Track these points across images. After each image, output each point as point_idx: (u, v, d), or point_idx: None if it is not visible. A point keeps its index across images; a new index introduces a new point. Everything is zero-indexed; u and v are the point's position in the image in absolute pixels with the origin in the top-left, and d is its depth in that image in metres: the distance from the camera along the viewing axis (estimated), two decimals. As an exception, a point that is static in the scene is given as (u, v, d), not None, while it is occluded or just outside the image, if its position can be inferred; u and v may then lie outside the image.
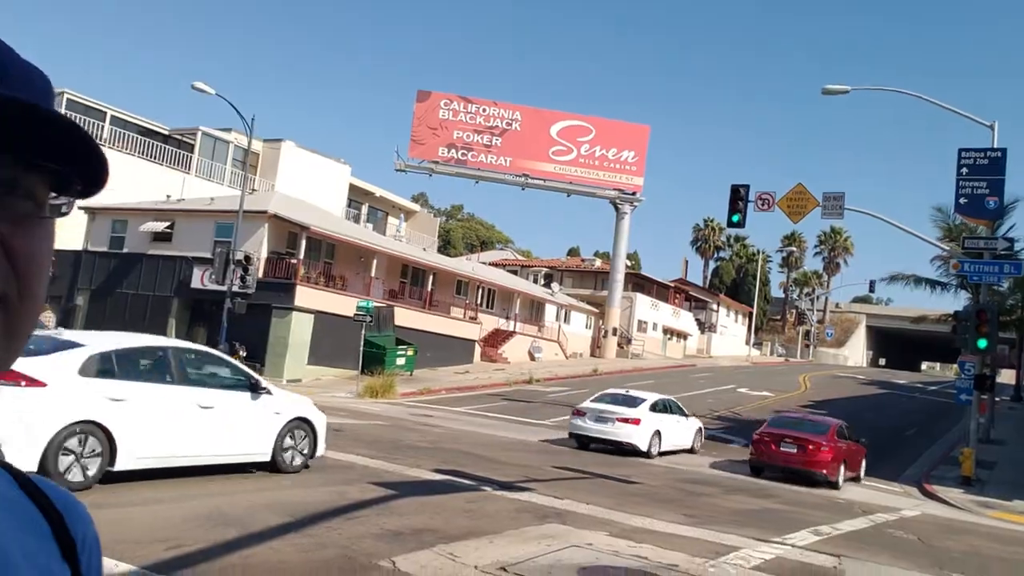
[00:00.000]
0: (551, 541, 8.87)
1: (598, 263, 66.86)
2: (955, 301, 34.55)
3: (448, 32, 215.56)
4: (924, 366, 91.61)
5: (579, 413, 20.51)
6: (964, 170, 20.65)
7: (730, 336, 76.04)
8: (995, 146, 21.08)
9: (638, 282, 62.04)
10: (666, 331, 63.17)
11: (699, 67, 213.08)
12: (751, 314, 75.44)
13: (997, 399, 30.93)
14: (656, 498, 13.38)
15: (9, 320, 0.72)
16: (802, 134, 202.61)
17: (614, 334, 53.10)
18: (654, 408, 20.75)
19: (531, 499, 11.61)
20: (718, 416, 31.09)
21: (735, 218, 22.27)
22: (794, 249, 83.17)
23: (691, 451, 22.11)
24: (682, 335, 66.34)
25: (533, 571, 7.54)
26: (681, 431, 21.87)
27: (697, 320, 70.69)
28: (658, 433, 20.42)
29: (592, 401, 21.19)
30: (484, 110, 50.21)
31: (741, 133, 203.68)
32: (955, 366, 34.79)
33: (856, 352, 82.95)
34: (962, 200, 20.82)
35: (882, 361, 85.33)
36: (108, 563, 6.14)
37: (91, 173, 0.73)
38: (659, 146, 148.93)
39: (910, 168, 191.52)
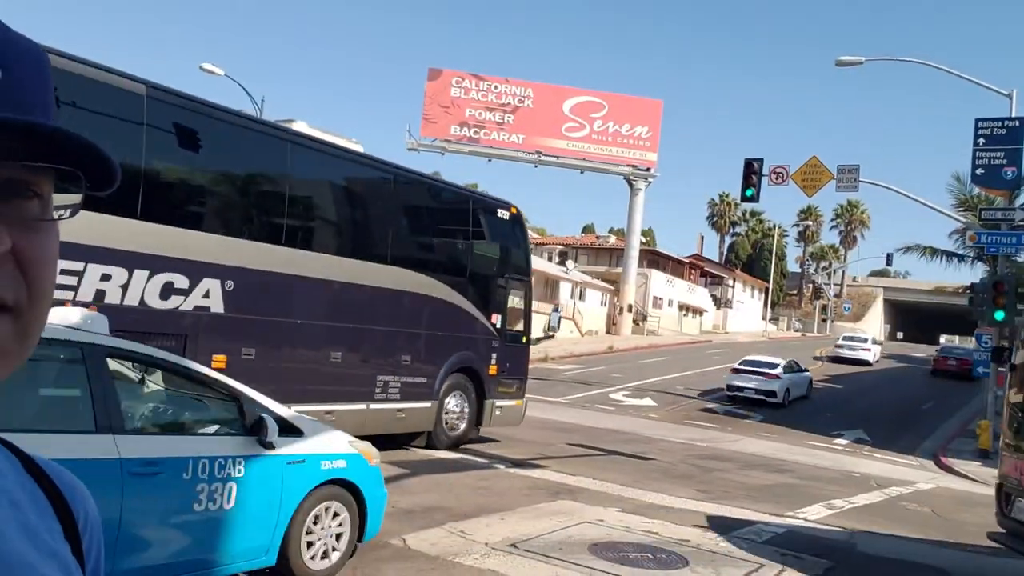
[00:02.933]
0: (563, 518, 8.90)
1: (612, 240, 66.67)
2: (972, 273, 34.29)
3: (459, 9, 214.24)
4: (943, 339, 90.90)
5: (734, 371, 28.58)
6: (981, 140, 20.37)
7: (746, 311, 75.76)
8: (1013, 115, 20.77)
9: (653, 258, 61.82)
10: (682, 307, 62.99)
11: (713, 41, 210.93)
12: (767, 289, 75.10)
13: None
14: (671, 474, 13.40)
15: (21, 326, 0.70)
16: (817, 107, 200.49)
17: (629, 311, 53.00)
18: (786, 369, 28.83)
19: (543, 476, 11.64)
20: (731, 393, 31.02)
21: (749, 192, 22.10)
22: (810, 223, 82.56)
23: (806, 397, 30.08)
24: (698, 311, 66.15)
25: (544, 547, 7.57)
26: (801, 384, 30.05)
27: (713, 296, 70.45)
28: (788, 387, 28.26)
29: (740, 364, 29.14)
30: (496, 87, 49.93)
31: (755, 107, 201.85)
32: (973, 339, 34.52)
33: (874, 326, 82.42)
34: (979, 171, 20.55)
35: (900, 335, 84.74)
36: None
37: (98, 174, 0.72)
38: (673, 121, 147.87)
39: (927, 140, 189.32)
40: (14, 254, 0.69)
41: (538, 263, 51.76)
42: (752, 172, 21.82)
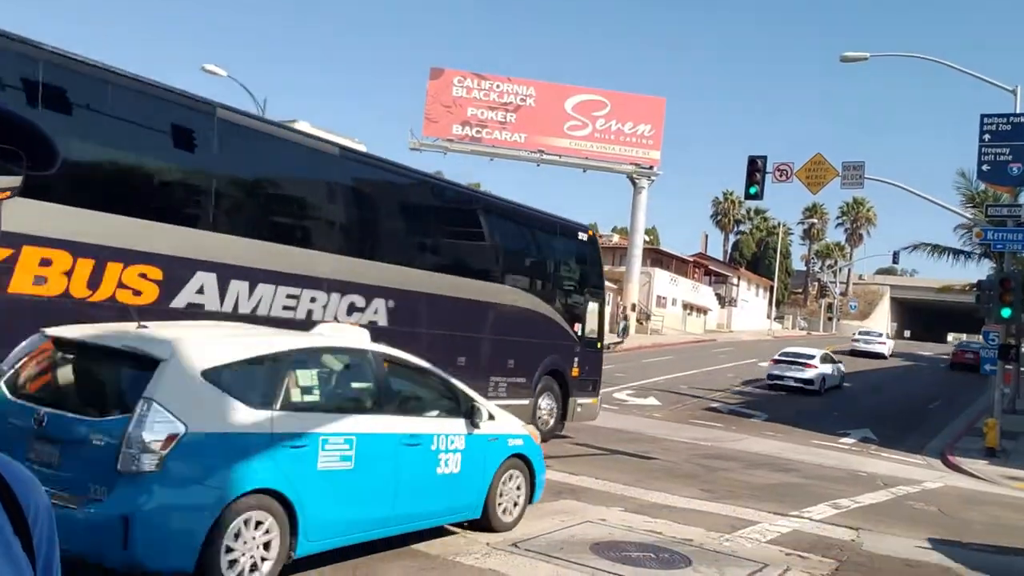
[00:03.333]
0: (565, 517, 8.83)
1: (616, 238, 66.56)
2: (979, 270, 34.21)
3: (461, 8, 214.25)
4: (950, 337, 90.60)
5: (775, 362, 31.65)
6: (986, 136, 20.22)
7: (751, 310, 75.59)
8: (1018, 111, 20.63)
9: (657, 257, 61.71)
10: (686, 306, 62.87)
11: (716, 38, 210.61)
12: (772, 287, 74.90)
13: (1022, 369, 30.49)
14: (674, 473, 13.31)
15: None
16: (821, 104, 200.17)
17: (633, 310, 52.91)
18: (822, 359, 31.83)
19: (546, 475, 11.54)
20: (738, 391, 30.92)
21: (752, 190, 21.97)
22: (815, 221, 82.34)
23: (839, 387, 33.04)
24: (702, 310, 66.01)
25: (546, 547, 7.49)
26: (835, 374, 32.92)
27: (717, 295, 70.31)
28: (824, 376, 31.06)
29: (780, 355, 32.13)
30: (498, 86, 49.87)
31: (759, 104, 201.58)
32: (980, 336, 34.38)
33: (880, 324, 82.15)
34: (985, 167, 20.40)
35: (907, 333, 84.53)
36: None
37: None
38: (676, 119, 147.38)
39: (932, 137, 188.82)
40: None
41: (542, 262, 51.71)
42: (756, 169, 21.70)
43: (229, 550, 5.40)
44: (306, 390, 6.39)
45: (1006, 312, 19.15)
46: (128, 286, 8.04)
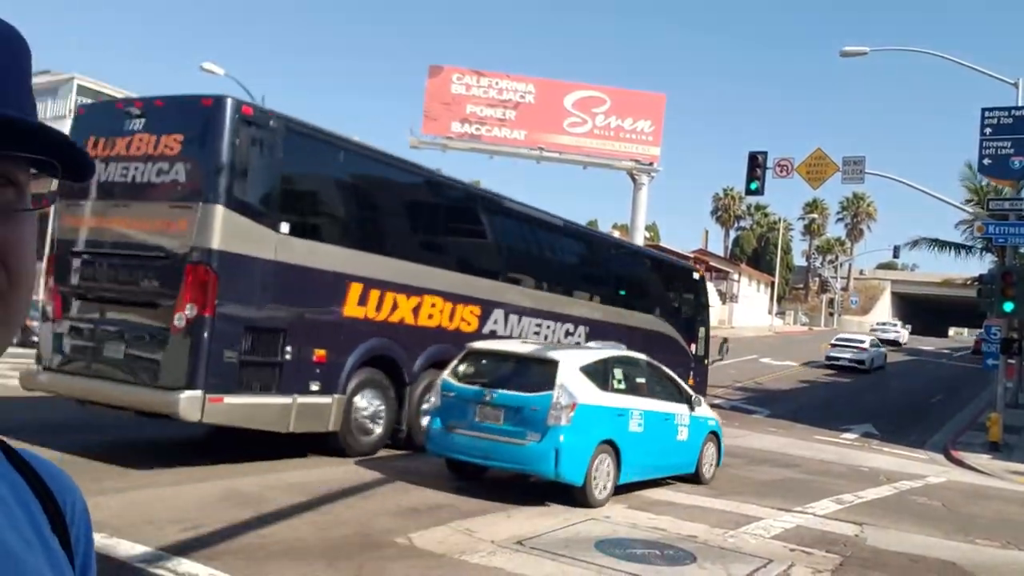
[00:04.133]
0: (569, 515, 8.84)
1: (616, 235, 66.48)
2: (980, 264, 34.09)
3: (459, 4, 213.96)
4: (952, 332, 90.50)
5: (833, 346, 38.86)
6: (988, 130, 20.21)
7: (752, 306, 75.47)
8: (1019, 104, 20.60)
9: (658, 254, 61.63)
10: (687, 302, 62.72)
11: (715, 33, 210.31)
12: (773, 283, 74.85)
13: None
14: (677, 469, 13.30)
15: (3, 312, 0.72)
16: (821, 99, 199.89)
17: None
18: (871, 344, 38.76)
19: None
20: (740, 387, 30.93)
21: (753, 186, 21.98)
22: (816, 216, 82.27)
23: (883, 367, 39.11)
24: (703, 306, 65.88)
25: (550, 545, 7.50)
26: (880, 357, 39.33)
27: (718, 291, 70.19)
28: (872, 358, 37.61)
29: (836, 340, 39.43)
30: (497, 83, 49.82)
31: (759, 100, 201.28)
32: (982, 331, 34.36)
33: (881, 319, 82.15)
34: (986, 161, 20.39)
35: (908, 327, 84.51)
36: (125, 544, 6.16)
37: (73, 165, 0.73)
38: (676, 115, 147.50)
39: (932, 131, 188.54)
40: None
41: (543, 260, 51.77)
42: (756, 165, 21.70)
43: (594, 476, 9.35)
44: (619, 380, 10.28)
45: (1008, 306, 19.13)
46: (465, 319, 12.91)
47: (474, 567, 6.70)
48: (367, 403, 11.19)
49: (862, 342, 38.15)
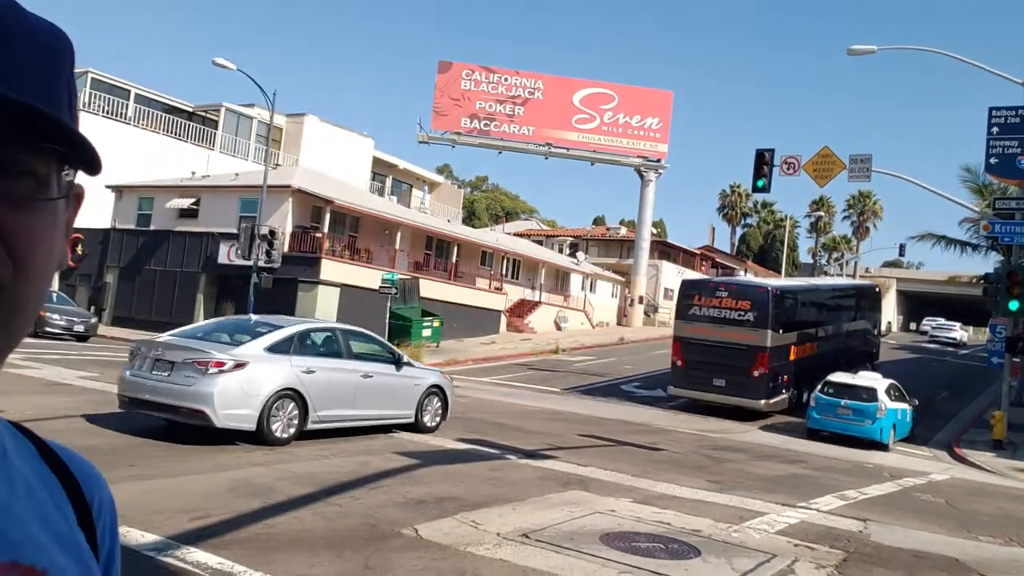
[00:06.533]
0: (574, 508, 8.89)
1: (623, 231, 66.46)
2: (986, 263, 34.05)
3: (468, 2, 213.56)
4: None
5: (932, 328, 54.34)
6: (995, 129, 20.18)
7: (758, 303, 75.35)
8: (1027, 103, 20.54)
9: (664, 250, 61.63)
10: (693, 299, 62.68)
11: (723, 30, 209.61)
12: (779, 280, 74.58)
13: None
14: (682, 465, 13.37)
15: (7, 304, 0.69)
16: (829, 98, 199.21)
17: (640, 302, 52.90)
18: (960, 327, 56.36)
19: (555, 467, 11.64)
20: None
21: (760, 183, 22.00)
22: (822, 214, 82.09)
23: (965, 345, 53.55)
24: (709, 302, 65.84)
25: (555, 538, 7.56)
26: (966, 339, 53.77)
27: (724, 287, 70.10)
28: (963, 338, 56.20)
29: (934, 325, 57.64)
30: (506, 79, 49.82)
31: (767, 98, 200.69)
32: (987, 329, 34.29)
33: (887, 317, 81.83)
34: (993, 160, 20.37)
35: (912, 325, 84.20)
36: (135, 533, 6.24)
37: (85, 159, 0.72)
38: (684, 112, 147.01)
39: (939, 130, 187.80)
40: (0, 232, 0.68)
41: (549, 255, 51.75)
42: (764, 163, 21.71)
43: (893, 437, 20.13)
44: (894, 396, 20.74)
45: (1014, 305, 19.12)
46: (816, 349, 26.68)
47: (479, 559, 6.76)
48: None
49: (953, 327, 55.71)
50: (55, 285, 36.34)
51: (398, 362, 13.12)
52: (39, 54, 0.71)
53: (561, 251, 58.14)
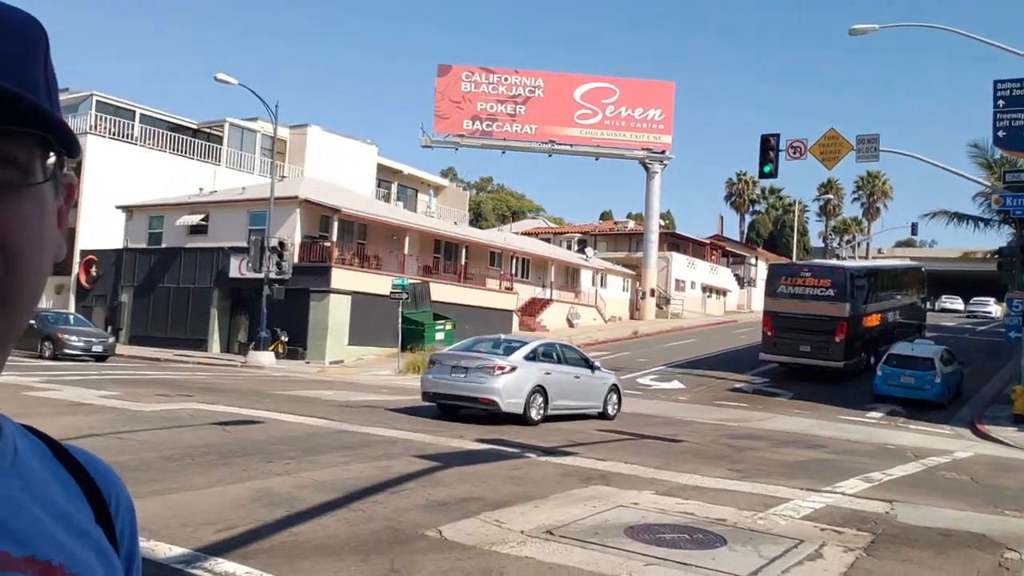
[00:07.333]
0: (597, 503, 8.87)
1: (631, 225, 66.37)
2: (999, 237, 33.79)
3: (466, 3, 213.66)
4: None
5: (969, 304, 61.20)
6: (1001, 102, 20.03)
7: (770, 289, 75.07)
8: (1033, 75, 20.38)
9: (673, 241, 61.50)
10: (705, 288, 62.64)
11: (722, 17, 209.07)
12: (791, 266, 74.26)
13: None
14: (702, 455, 13.32)
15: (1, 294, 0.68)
16: (832, 79, 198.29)
17: (652, 295, 52.78)
18: (995, 303, 56.38)
19: (575, 463, 11.62)
20: (759, 371, 30.81)
21: (767, 169, 21.92)
22: (831, 197, 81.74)
23: (995, 319, 55.62)
24: (721, 291, 65.76)
25: (580, 533, 7.55)
26: (999, 315, 49.93)
27: (736, 275, 69.96)
28: (996, 314, 54.81)
29: (972, 302, 63.07)
30: (506, 79, 49.82)
31: (769, 82, 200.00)
32: (1004, 304, 34.08)
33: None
34: (1000, 133, 20.22)
35: (928, 304, 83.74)
36: (163, 547, 6.27)
37: (64, 140, 0.71)
38: (686, 102, 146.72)
39: (945, 106, 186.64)
40: None
41: (557, 252, 51.71)
42: (769, 148, 21.63)
43: (948, 396, 24.72)
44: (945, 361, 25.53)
45: (1029, 278, 18.98)
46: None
47: (505, 557, 6.76)
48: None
49: (988, 303, 59.48)
50: (71, 306, 36.57)
51: (592, 367, 17.36)
52: (12, 41, 0.70)
53: (570, 248, 58.11)
